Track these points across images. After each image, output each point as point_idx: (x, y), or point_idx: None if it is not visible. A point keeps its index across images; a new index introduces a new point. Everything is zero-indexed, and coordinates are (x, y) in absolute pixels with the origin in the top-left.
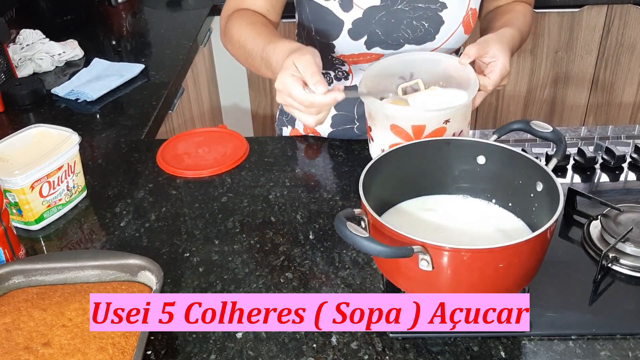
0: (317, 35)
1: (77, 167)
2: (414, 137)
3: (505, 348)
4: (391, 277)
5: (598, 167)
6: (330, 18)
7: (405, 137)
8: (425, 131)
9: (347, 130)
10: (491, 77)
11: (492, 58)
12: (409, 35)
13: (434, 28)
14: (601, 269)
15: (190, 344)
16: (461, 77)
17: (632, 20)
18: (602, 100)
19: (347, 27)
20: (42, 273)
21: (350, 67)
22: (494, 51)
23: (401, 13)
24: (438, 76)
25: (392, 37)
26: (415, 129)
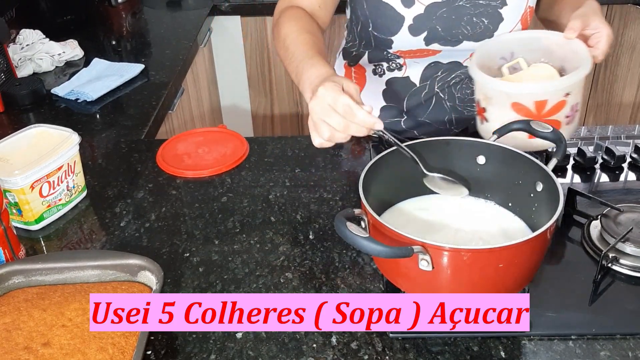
0: (374, 30)
1: (77, 167)
2: (536, 112)
3: (505, 348)
4: (391, 277)
5: (598, 167)
6: (390, 13)
7: (526, 113)
8: (547, 106)
9: (394, 124)
10: (600, 47)
11: (595, 29)
12: (468, 31)
13: (493, 25)
14: (601, 269)
15: (190, 344)
16: (565, 52)
17: (632, 20)
18: (602, 100)
19: (407, 22)
20: (42, 273)
21: (405, 60)
22: (596, 23)
23: (462, 9)
24: (539, 53)
25: (451, 33)
26: (537, 104)
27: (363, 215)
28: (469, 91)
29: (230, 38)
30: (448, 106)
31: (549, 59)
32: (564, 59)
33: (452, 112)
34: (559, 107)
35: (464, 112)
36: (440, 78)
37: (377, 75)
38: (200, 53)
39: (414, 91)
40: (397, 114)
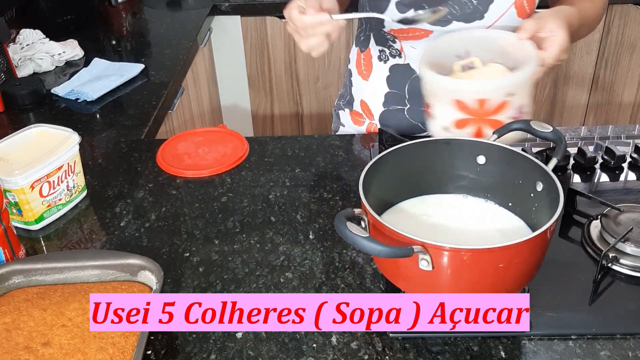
0: (370, 8)
1: (77, 167)
2: (477, 110)
3: (505, 348)
4: (391, 277)
5: (598, 167)
6: None
7: (469, 111)
8: (488, 105)
9: (399, 114)
10: (550, 50)
11: (550, 32)
12: (457, 11)
13: (482, 6)
14: (601, 269)
15: (190, 344)
16: (519, 53)
17: (632, 20)
18: (602, 100)
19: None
20: (42, 273)
21: (401, 44)
22: (552, 25)
23: None
24: (494, 53)
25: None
26: (479, 102)
27: (363, 215)
28: None
29: (230, 38)
30: None
31: (505, 59)
32: (517, 60)
33: None
34: (501, 107)
35: None
36: None
37: (381, 62)
38: (200, 53)
39: (414, 78)
40: (400, 101)
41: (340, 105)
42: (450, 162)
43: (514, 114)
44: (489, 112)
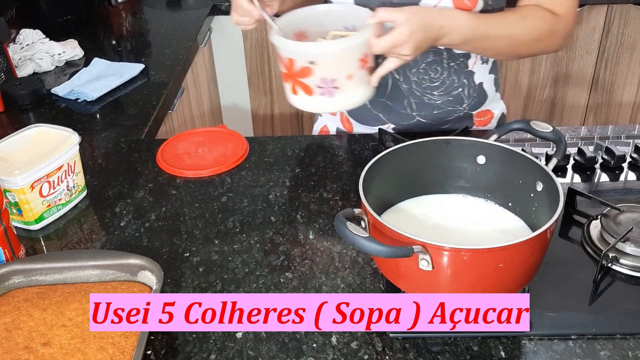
0: None
1: (77, 167)
2: (288, 70)
3: (505, 348)
4: (391, 277)
5: (598, 167)
6: None
7: (285, 67)
8: (294, 66)
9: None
10: (381, 40)
11: (395, 24)
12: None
13: None
14: (601, 269)
15: (190, 344)
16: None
17: (632, 20)
18: (602, 100)
19: None
20: (42, 273)
21: None
22: (400, 18)
23: None
24: (349, 30)
25: None
26: (288, 61)
27: (363, 215)
28: (426, 77)
29: (230, 38)
30: (404, 89)
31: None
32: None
33: (409, 96)
34: (305, 73)
35: (423, 98)
36: None
37: None
38: (200, 53)
39: None
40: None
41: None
42: (450, 162)
43: (319, 84)
44: (296, 73)
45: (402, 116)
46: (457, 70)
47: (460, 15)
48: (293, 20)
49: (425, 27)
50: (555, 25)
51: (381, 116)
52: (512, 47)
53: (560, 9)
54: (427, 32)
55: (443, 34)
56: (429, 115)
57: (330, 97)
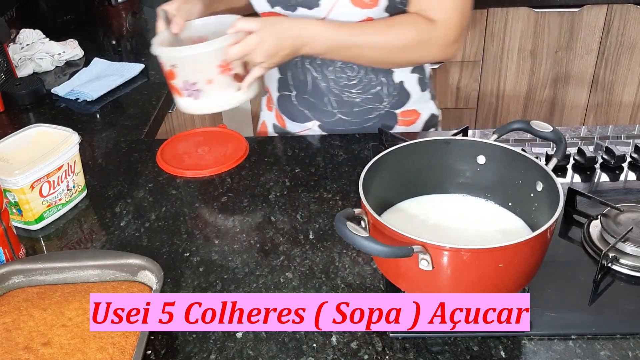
0: None
1: (77, 167)
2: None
3: (505, 348)
4: (391, 277)
5: (598, 166)
6: None
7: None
8: (164, 70)
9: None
10: (233, 47)
11: (248, 32)
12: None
13: None
14: (601, 269)
15: (190, 344)
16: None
17: (632, 20)
18: (602, 100)
19: None
20: (42, 273)
21: None
22: (254, 27)
23: None
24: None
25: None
26: (161, 65)
27: (363, 215)
28: (343, 75)
29: None
30: (323, 87)
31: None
32: None
33: (329, 94)
34: (170, 75)
35: (342, 96)
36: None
37: None
38: None
39: (292, 66)
40: (287, 87)
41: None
42: (450, 162)
43: (183, 86)
44: (166, 75)
45: (325, 113)
46: (374, 68)
47: (317, 24)
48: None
49: (276, 36)
50: (428, 33)
51: (307, 113)
52: (383, 55)
53: (437, 16)
54: (279, 40)
55: (301, 43)
56: (350, 113)
57: (195, 99)
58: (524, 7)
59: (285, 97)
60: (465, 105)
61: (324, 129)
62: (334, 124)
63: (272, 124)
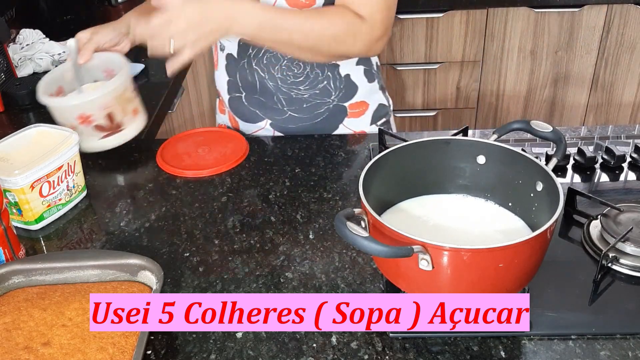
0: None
1: (77, 167)
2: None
3: (505, 348)
4: (391, 277)
5: (598, 166)
6: None
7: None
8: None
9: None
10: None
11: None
12: None
13: None
14: (601, 269)
15: (190, 344)
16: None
17: (632, 20)
18: (602, 100)
19: None
20: (42, 273)
21: None
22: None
23: None
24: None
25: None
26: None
27: (363, 215)
28: (290, 73)
29: None
30: (271, 86)
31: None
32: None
33: (277, 92)
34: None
35: (290, 93)
36: (253, 54)
37: (221, 51)
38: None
39: (240, 67)
40: (237, 89)
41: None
42: (450, 162)
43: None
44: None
45: (275, 111)
46: (320, 64)
47: (248, 1)
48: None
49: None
50: (356, 26)
51: (258, 112)
52: (311, 42)
53: (364, 11)
54: (204, 10)
55: (230, 16)
56: (300, 110)
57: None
58: (524, 7)
59: (236, 98)
60: (465, 105)
61: (275, 128)
62: (285, 122)
63: (226, 126)
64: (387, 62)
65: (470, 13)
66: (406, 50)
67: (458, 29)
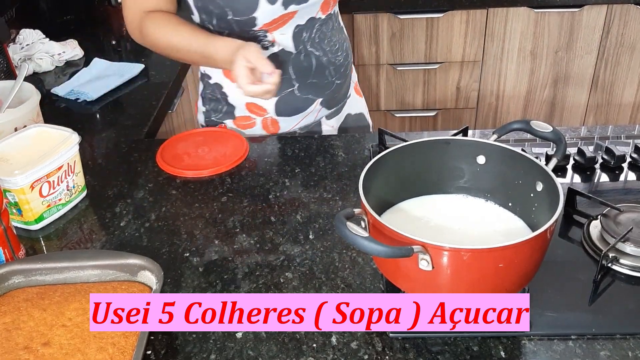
0: (235, 16)
1: (77, 167)
2: None
3: (505, 348)
4: (391, 277)
5: (598, 167)
6: None
7: None
8: None
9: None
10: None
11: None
12: None
13: None
14: (601, 269)
15: (190, 344)
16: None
17: (632, 20)
18: (602, 100)
19: None
20: (42, 273)
21: (273, 34)
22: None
23: None
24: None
25: None
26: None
27: (363, 215)
28: (332, 42)
29: None
30: (324, 61)
31: None
32: None
33: (329, 65)
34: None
35: (335, 60)
36: (307, 37)
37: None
38: None
39: (294, 58)
40: (288, 84)
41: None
42: (450, 162)
43: None
44: None
45: (326, 86)
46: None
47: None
48: None
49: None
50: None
51: (310, 96)
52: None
53: None
54: None
55: None
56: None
57: None
58: (524, 7)
59: (286, 95)
60: (465, 105)
61: (324, 105)
62: (332, 93)
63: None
64: (387, 62)
65: (470, 13)
66: (406, 50)
67: (458, 29)
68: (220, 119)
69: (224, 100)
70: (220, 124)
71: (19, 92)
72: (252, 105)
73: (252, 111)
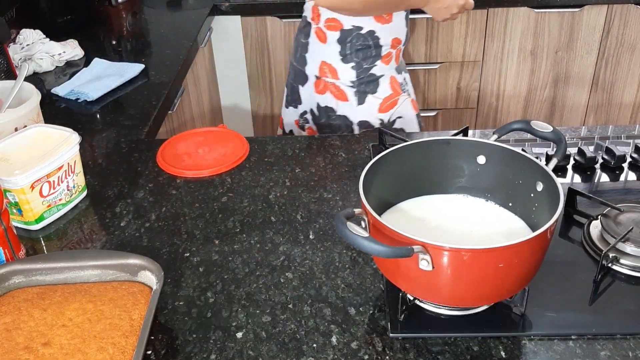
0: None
1: (77, 167)
2: None
3: (505, 348)
4: (391, 277)
5: (598, 167)
6: None
7: None
8: None
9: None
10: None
11: None
12: None
13: None
14: (601, 269)
15: (190, 344)
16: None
17: (632, 20)
18: (602, 100)
19: None
20: (42, 273)
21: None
22: None
23: None
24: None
25: None
26: None
27: (363, 215)
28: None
29: (230, 38)
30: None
31: None
32: None
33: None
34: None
35: None
36: None
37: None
38: (200, 53)
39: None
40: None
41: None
42: (450, 162)
43: None
44: None
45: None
46: None
47: None
48: None
49: None
50: None
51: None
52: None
53: None
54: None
55: None
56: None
57: None
58: (524, 7)
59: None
60: (465, 105)
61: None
62: None
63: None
64: None
65: (470, 13)
66: (406, 50)
67: (458, 29)
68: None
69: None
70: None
71: (19, 92)
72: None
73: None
